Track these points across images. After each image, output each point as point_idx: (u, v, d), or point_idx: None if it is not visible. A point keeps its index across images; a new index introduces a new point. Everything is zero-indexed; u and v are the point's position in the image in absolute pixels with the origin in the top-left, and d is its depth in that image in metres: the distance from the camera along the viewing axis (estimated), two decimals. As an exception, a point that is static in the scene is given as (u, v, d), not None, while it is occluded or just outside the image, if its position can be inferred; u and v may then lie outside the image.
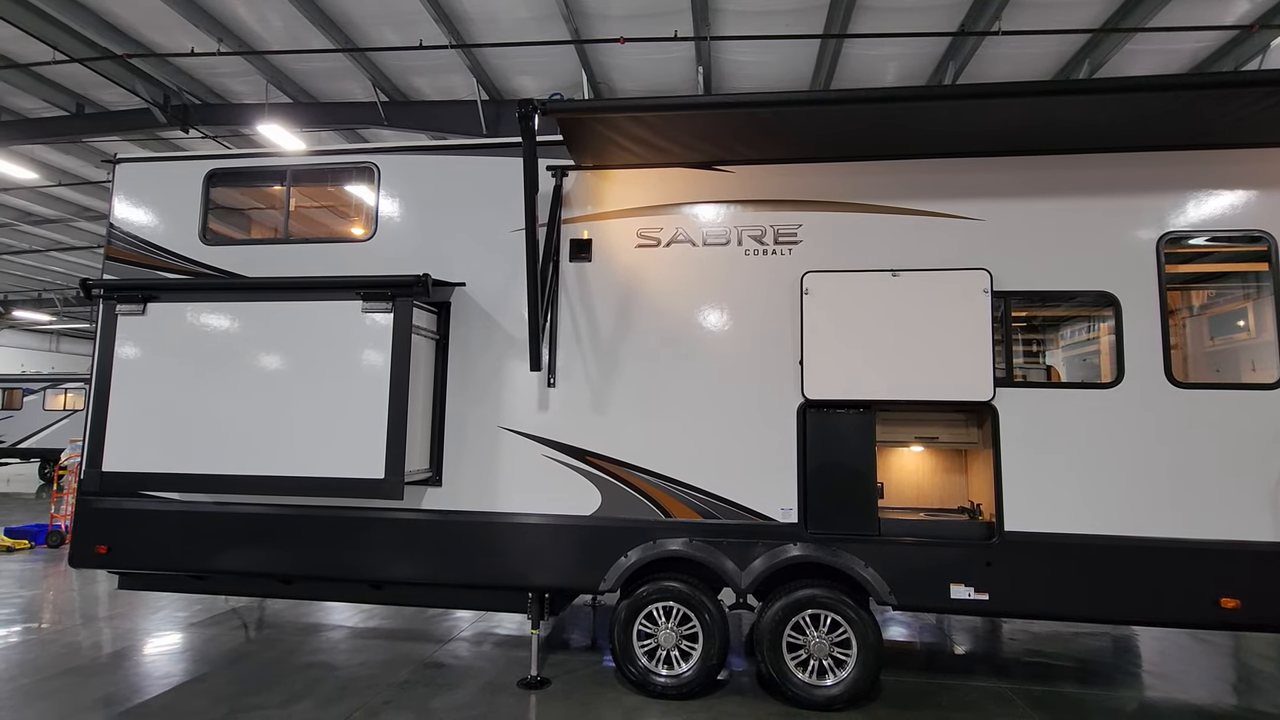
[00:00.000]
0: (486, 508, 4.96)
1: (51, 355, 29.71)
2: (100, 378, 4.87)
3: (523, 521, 4.90)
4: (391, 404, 4.55)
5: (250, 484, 4.72)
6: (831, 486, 4.62)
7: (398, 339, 4.59)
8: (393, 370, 4.57)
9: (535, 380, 5.00)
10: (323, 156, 5.57)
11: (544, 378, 4.98)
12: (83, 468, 5.38)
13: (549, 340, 4.96)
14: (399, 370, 4.57)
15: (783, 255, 4.85)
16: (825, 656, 4.54)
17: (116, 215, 5.68)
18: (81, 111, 11.83)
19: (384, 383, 4.57)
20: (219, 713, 4.41)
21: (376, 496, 4.60)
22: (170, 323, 4.86)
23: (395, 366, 4.57)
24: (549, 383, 4.98)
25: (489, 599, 5.16)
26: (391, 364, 4.57)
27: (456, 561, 4.97)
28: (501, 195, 5.18)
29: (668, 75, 10.20)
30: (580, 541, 4.82)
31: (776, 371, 4.76)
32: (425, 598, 5.33)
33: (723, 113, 4.34)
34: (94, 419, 4.86)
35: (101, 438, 4.80)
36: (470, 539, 4.95)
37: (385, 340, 4.59)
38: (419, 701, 4.62)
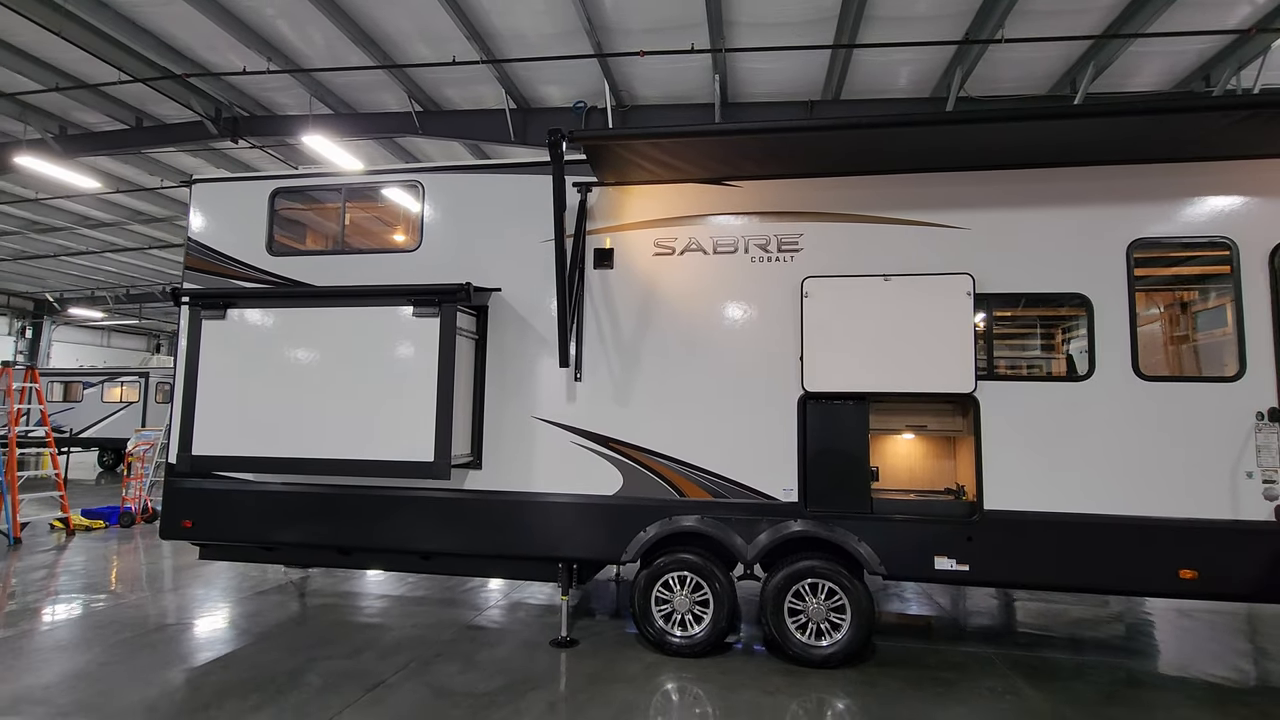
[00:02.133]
0: (521, 488, 5.59)
1: (103, 350, 31.28)
2: (188, 374, 5.60)
3: (553, 500, 5.53)
4: (439, 396, 5.19)
5: (317, 466, 5.41)
6: (828, 469, 5.17)
7: (444, 340, 5.23)
8: (440, 367, 5.21)
9: (564, 375, 5.61)
10: (374, 175, 6.23)
11: (571, 373, 5.59)
12: (168, 452, 6.15)
13: (576, 339, 5.56)
14: (445, 367, 5.21)
15: (785, 262, 5.39)
16: (822, 620, 5.10)
17: (193, 229, 6.42)
18: (140, 125, 12.72)
19: (432, 378, 5.22)
20: (296, 661, 5.13)
21: (427, 477, 5.26)
22: (247, 326, 5.56)
23: (442, 364, 5.21)
24: (576, 377, 5.58)
25: (523, 569, 5.80)
26: (439, 361, 5.22)
27: (495, 535, 5.62)
28: (533, 209, 5.77)
29: (685, 83, 10.70)
30: (604, 518, 5.44)
31: (779, 367, 5.30)
32: (467, 567, 5.99)
33: (731, 139, 4.87)
34: (184, 409, 5.60)
35: (191, 426, 5.53)
36: (507, 516, 5.60)
37: (433, 341, 5.24)
38: (465, 655, 5.29)
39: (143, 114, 12.61)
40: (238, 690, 4.59)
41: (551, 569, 5.67)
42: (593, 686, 4.72)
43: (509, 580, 7.31)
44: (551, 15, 9.26)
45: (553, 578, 5.70)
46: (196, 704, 4.37)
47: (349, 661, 5.14)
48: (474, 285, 5.45)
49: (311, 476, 5.71)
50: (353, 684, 4.71)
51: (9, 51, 10.41)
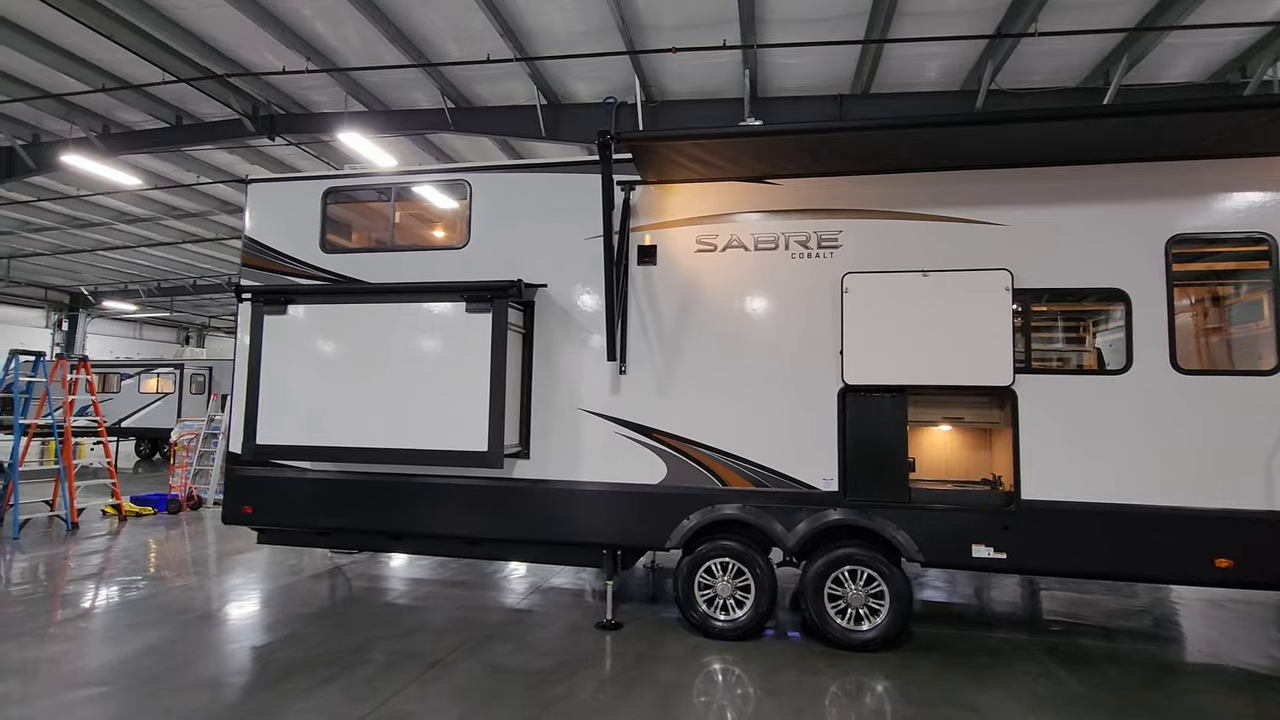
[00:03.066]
0: (568, 477, 5.81)
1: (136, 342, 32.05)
2: (251, 367, 5.87)
3: (599, 489, 5.74)
4: (492, 388, 5.41)
5: (374, 455, 5.66)
6: (868, 460, 5.32)
7: (496, 334, 5.44)
8: (492, 360, 5.43)
9: (609, 368, 5.80)
10: (423, 175, 6.45)
11: (616, 366, 5.78)
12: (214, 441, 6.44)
13: (620, 334, 5.74)
14: (497, 360, 5.42)
15: (825, 258, 5.52)
16: (861, 606, 5.27)
17: (249, 228, 6.68)
18: (180, 123, 13.07)
19: (485, 371, 5.43)
20: (355, 640, 5.39)
21: (481, 466, 5.48)
22: (307, 321, 5.81)
23: (494, 357, 5.43)
24: (620, 370, 5.77)
25: (568, 554, 6.03)
26: (491, 355, 5.43)
27: (542, 522, 5.84)
28: (577, 207, 5.95)
29: (715, 78, 10.80)
30: (649, 506, 5.64)
31: (819, 360, 5.45)
32: (513, 553, 6.23)
33: (774, 139, 5.00)
34: (248, 401, 5.87)
35: (255, 416, 5.80)
36: (554, 503, 5.82)
37: (485, 335, 5.45)
38: (515, 637, 5.52)
39: (183, 112, 12.95)
40: (306, 665, 4.85)
41: (595, 555, 5.89)
42: (640, 666, 4.93)
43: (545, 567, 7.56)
44: (583, 13, 9.40)
45: (596, 563, 5.92)
46: (271, 677, 4.64)
47: (405, 641, 5.39)
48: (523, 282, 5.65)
49: (367, 464, 5.96)
50: (414, 661, 4.96)
51: (59, 54, 10.75)
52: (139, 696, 4.31)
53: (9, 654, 5.01)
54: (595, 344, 5.84)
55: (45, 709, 4.15)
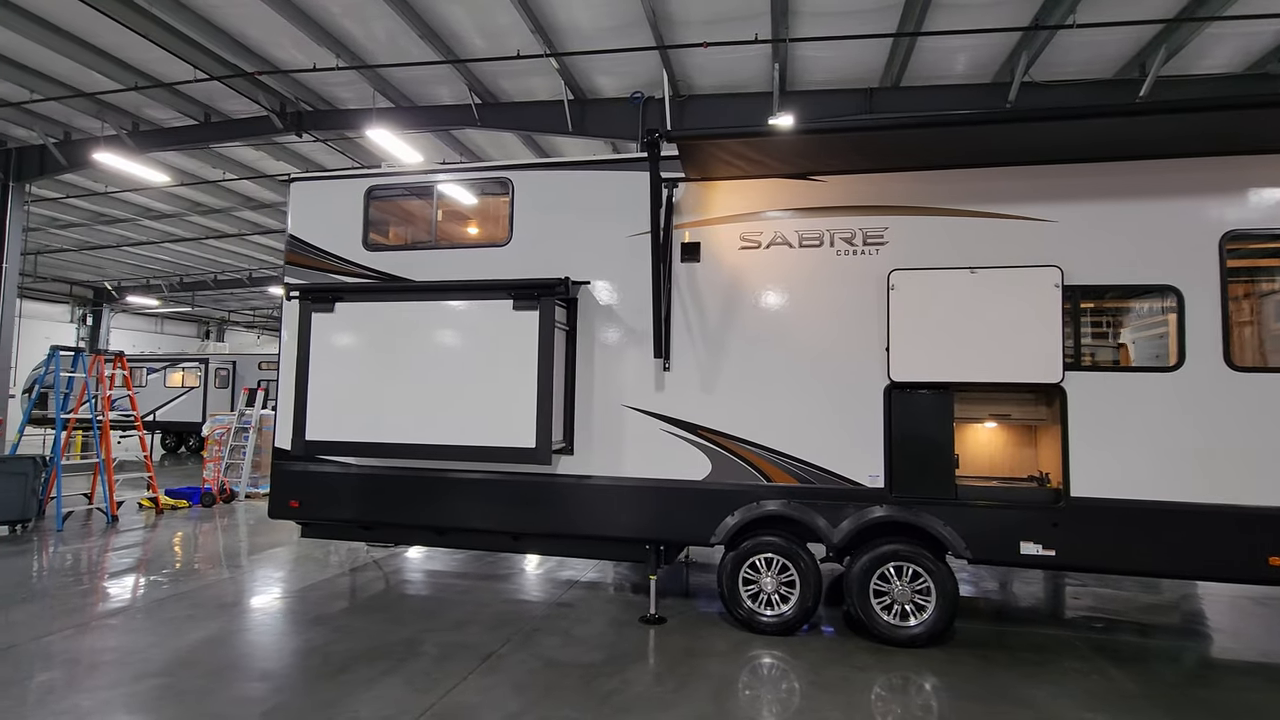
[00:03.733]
0: (612, 473, 5.86)
1: (157, 336, 32.45)
2: (300, 364, 5.95)
3: (643, 485, 5.79)
4: (539, 385, 5.47)
5: (422, 451, 5.74)
6: (914, 456, 5.33)
7: (543, 331, 5.49)
8: (539, 357, 5.48)
9: (652, 364, 5.84)
10: (465, 172, 6.49)
11: (661, 363, 5.81)
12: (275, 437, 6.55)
13: (665, 330, 5.77)
14: (545, 357, 5.48)
15: (871, 255, 5.52)
16: (907, 602, 5.30)
17: (292, 226, 6.76)
18: (209, 120, 13.19)
19: (532, 368, 5.48)
20: (407, 632, 5.49)
21: (529, 462, 5.55)
22: (355, 318, 5.89)
23: (542, 354, 5.48)
24: (665, 367, 5.81)
25: (611, 550, 6.09)
26: (538, 352, 5.48)
27: (585, 518, 5.90)
28: (619, 205, 5.98)
29: (743, 71, 10.76)
30: (693, 502, 5.68)
31: (865, 357, 5.46)
32: (556, 548, 6.30)
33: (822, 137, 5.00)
34: (297, 397, 5.96)
35: (304, 413, 5.89)
36: (598, 499, 5.87)
37: (532, 332, 5.50)
38: (562, 630, 5.60)
39: (211, 110, 13.06)
40: (364, 657, 4.95)
41: (638, 550, 5.95)
42: (690, 660, 4.99)
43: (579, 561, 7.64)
44: (611, 8, 9.39)
45: (638, 558, 5.98)
46: (332, 668, 4.73)
47: (456, 634, 5.48)
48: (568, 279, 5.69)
49: (412, 460, 6.04)
50: (467, 654, 5.04)
51: (92, 52, 10.87)
52: (207, 686, 4.42)
53: (72, 644, 5.14)
54: (639, 341, 5.88)
55: (116, 698, 4.26)
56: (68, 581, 6.88)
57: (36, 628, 5.48)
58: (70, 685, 4.43)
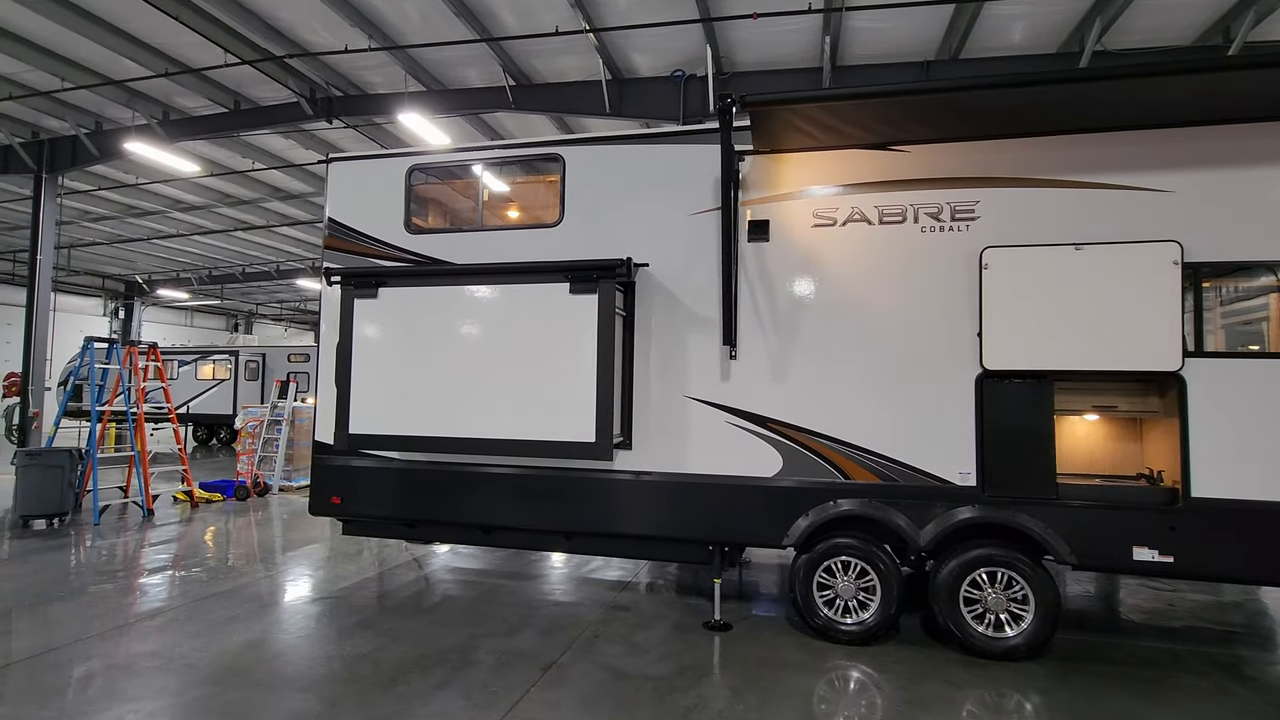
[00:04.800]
0: (674, 469, 5.47)
1: (187, 329, 32.70)
2: (342, 353, 5.63)
3: (707, 482, 5.39)
4: (599, 376, 5.08)
5: (472, 445, 5.39)
6: (1010, 452, 4.86)
7: (602, 317, 5.09)
8: (598, 345, 5.09)
9: (717, 353, 5.43)
10: (513, 149, 6.10)
11: (726, 350, 5.40)
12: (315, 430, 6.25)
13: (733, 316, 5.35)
14: (604, 345, 5.09)
15: (960, 231, 5.04)
16: (1002, 610, 4.84)
17: (331, 208, 6.43)
18: (238, 108, 12.96)
19: (591, 356, 5.10)
20: (459, 637, 5.16)
21: (588, 458, 5.18)
22: (399, 304, 5.54)
23: (601, 342, 5.09)
24: (731, 355, 5.39)
25: (672, 550, 5.70)
26: (597, 340, 5.09)
27: (645, 517, 5.52)
28: (681, 180, 5.56)
29: (790, 46, 10.24)
30: (763, 501, 5.27)
31: (953, 343, 4.99)
32: (612, 548, 5.92)
33: (915, 98, 4.52)
34: (339, 388, 5.64)
35: (348, 405, 5.57)
36: (658, 497, 5.49)
37: (591, 318, 5.11)
38: (623, 637, 5.23)
39: (241, 97, 12.83)
40: (417, 665, 4.63)
41: (700, 551, 5.56)
42: (767, 673, 4.59)
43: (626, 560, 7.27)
44: (654, -21, 8.92)
45: (700, 560, 5.60)
46: (383, 678, 4.41)
47: (510, 640, 5.14)
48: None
49: (458, 455, 5.70)
50: (525, 663, 4.70)
51: (123, 39, 10.65)
52: (256, 699, 4.12)
53: (113, 647, 4.89)
54: (702, 327, 5.46)
55: (161, 710, 3.98)
56: (106, 578, 6.67)
57: (76, 628, 5.25)
58: (113, 694, 4.16)
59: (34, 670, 4.48)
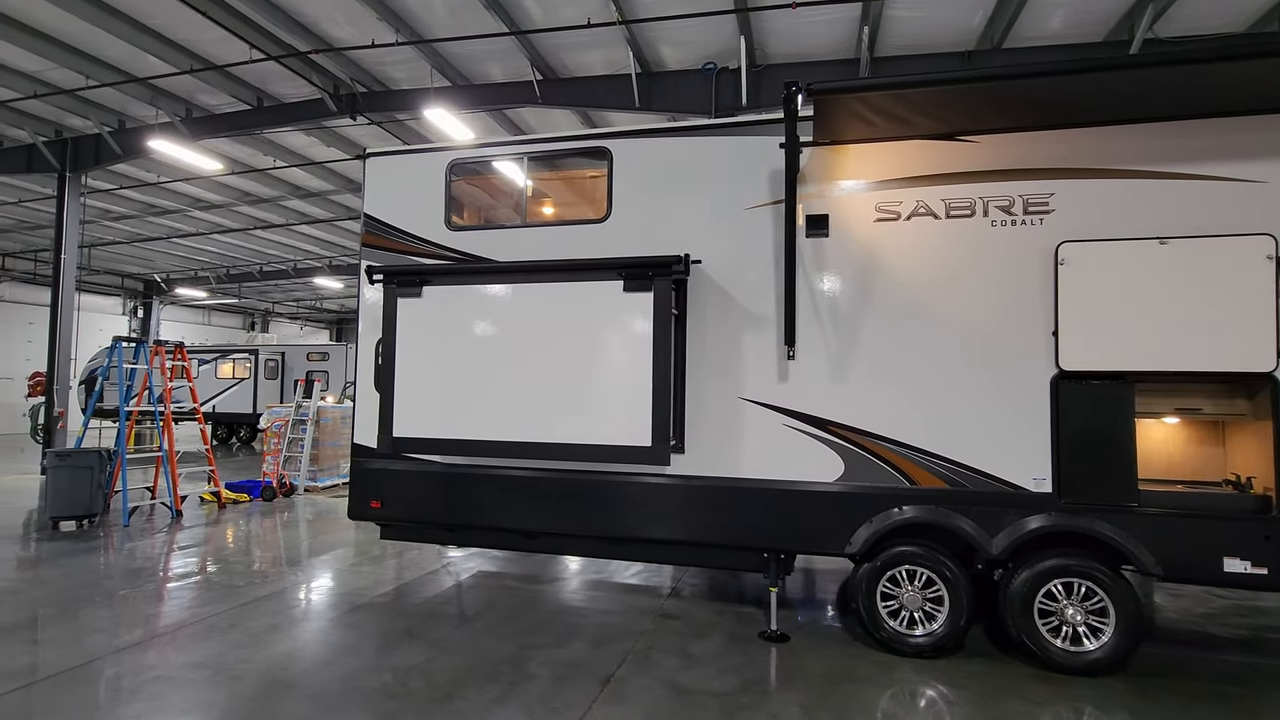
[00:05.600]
0: (728, 474, 5.26)
1: (205, 328, 32.79)
2: (385, 354, 5.47)
3: (764, 487, 5.18)
4: (655, 376, 4.89)
5: (520, 449, 5.21)
6: (1087, 457, 4.62)
7: (658, 315, 4.90)
8: (654, 344, 4.89)
9: (774, 353, 5.22)
10: (558, 142, 5.91)
11: (784, 351, 5.18)
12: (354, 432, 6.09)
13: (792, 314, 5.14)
14: (660, 344, 4.89)
15: (1033, 225, 4.80)
16: (1081, 623, 4.61)
17: (368, 204, 6.26)
18: (261, 105, 12.84)
19: (646, 356, 4.90)
20: (509, 648, 4.98)
21: (645, 463, 4.99)
22: (444, 303, 5.37)
23: (657, 341, 4.89)
24: (788, 355, 5.17)
25: (724, 557, 5.51)
26: (653, 339, 4.89)
27: (698, 523, 5.33)
28: (734, 174, 5.35)
29: (826, 36, 9.98)
30: (823, 507, 5.06)
31: (1026, 342, 4.76)
32: (663, 555, 5.72)
33: (997, 85, 4.28)
34: (382, 390, 5.48)
35: (391, 407, 5.40)
36: (712, 503, 5.29)
37: (646, 317, 4.91)
38: (678, 649, 5.04)
39: (264, 94, 12.71)
40: (470, 678, 4.46)
41: (753, 558, 5.36)
42: (836, 689, 4.39)
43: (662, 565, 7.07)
44: (686, -32, 8.70)
45: (754, 568, 5.40)
46: (438, 693, 4.24)
47: (562, 650, 4.96)
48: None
49: (504, 459, 5.52)
50: (582, 676, 4.51)
51: (146, 35, 10.54)
52: (312, 713, 3.96)
53: (154, 657, 4.75)
54: (757, 325, 5.25)
55: (212, 727, 3.83)
56: (139, 582, 6.56)
57: (114, 638, 5.12)
58: (160, 708, 4.01)
59: (74, 684, 4.34)
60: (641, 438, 4.88)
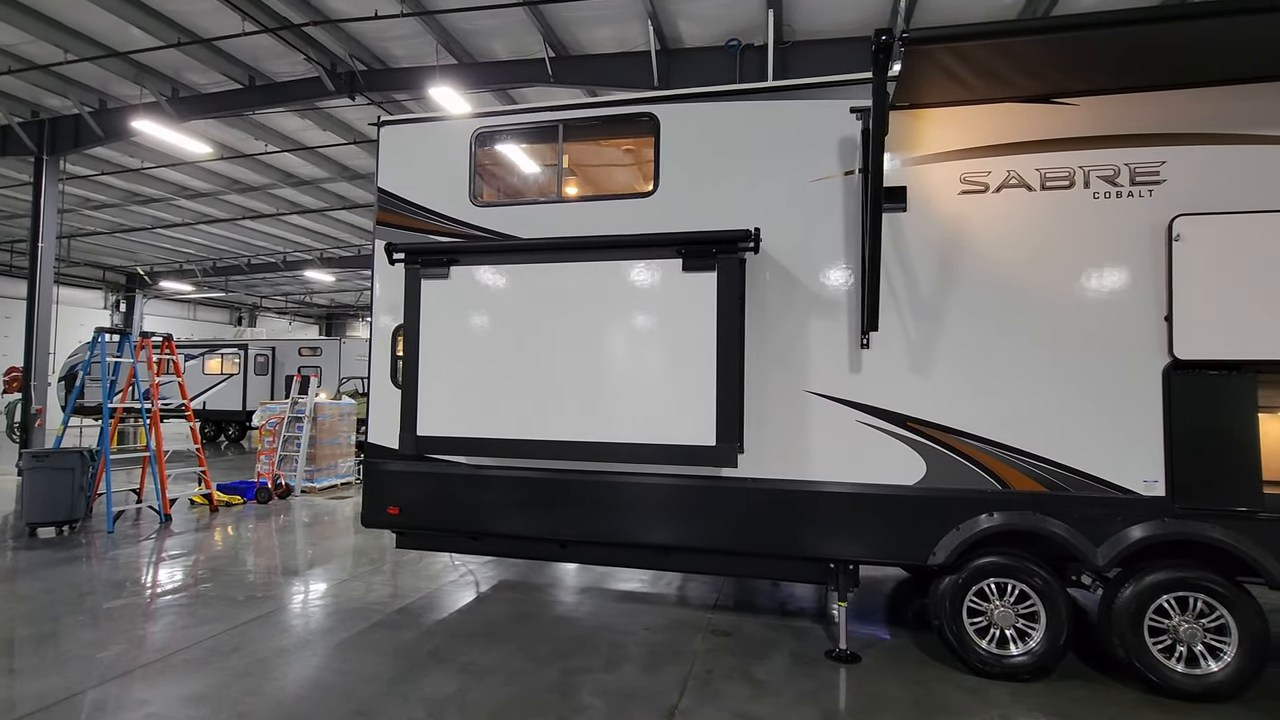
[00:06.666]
0: (794, 476, 4.73)
1: (190, 323, 31.82)
2: (409, 343, 4.87)
3: (834, 491, 4.65)
4: (720, 367, 4.34)
5: (564, 450, 4.65)
6: (1206, 457, 4.13)
7: (723, 298, 4.35)
8: (719, 331, 4.35)
9: (845, 341, 4.68)
10: (597, 109, 5.33)
11: (855, 338, 4.65)
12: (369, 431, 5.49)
13: (861, 299, 4.61)
14: (726, 331, 4.34)
15: (1141, 198, 4.29)
16: (1196, 642, 4.12)
17: (382, 178, 5.65)
18: (253, 84, 12.12)
19: (709, 345, 4.35)
20: (552, 673, 4.42)
21: (708, 464, 4.44)
22: (476, 286, 4.78)
23: (722, 327, 4.34)
24: (861, 344, 4.64)
25: (786, 568, 4.99)
26: (718, 325, 4.34)
27: (757, 530, 4.79)
28: (800, 142, 4.81)
29: (857, 11, 9.45)
30: (903, 513, 4.54)
31: (1135, 328, 4.25)
32: (715, 565, 5.20)
33: (1143, 28, 3.68)
34: (405, 384, 4.88)
35: (415, 403, 4.81)
36: (774, 508, 4.75)
37: (709, 300, 4.36)
38: (741, 672, 4.50)
39: (255, 72, 11.98)
40: (514, 713, 3.89)
41: (819, 569, 4.83)
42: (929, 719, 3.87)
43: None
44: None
45: (819, 579, 4.87)
46: (481, 733, 3.68)
47: (613, 676, 4.41)
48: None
49: (539, 460, 4.95)
50: (642, 709, 3.96)
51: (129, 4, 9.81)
52: (330, 762, 3.38)
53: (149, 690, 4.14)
54: (825, 310, 4.72)
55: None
56: (128, 598, 5.92)
57: (103, 665, 4.50)
58: (156, 757, 3.41)
59: (58, 722, 3.74)
60: (704, 436, 4.33)
